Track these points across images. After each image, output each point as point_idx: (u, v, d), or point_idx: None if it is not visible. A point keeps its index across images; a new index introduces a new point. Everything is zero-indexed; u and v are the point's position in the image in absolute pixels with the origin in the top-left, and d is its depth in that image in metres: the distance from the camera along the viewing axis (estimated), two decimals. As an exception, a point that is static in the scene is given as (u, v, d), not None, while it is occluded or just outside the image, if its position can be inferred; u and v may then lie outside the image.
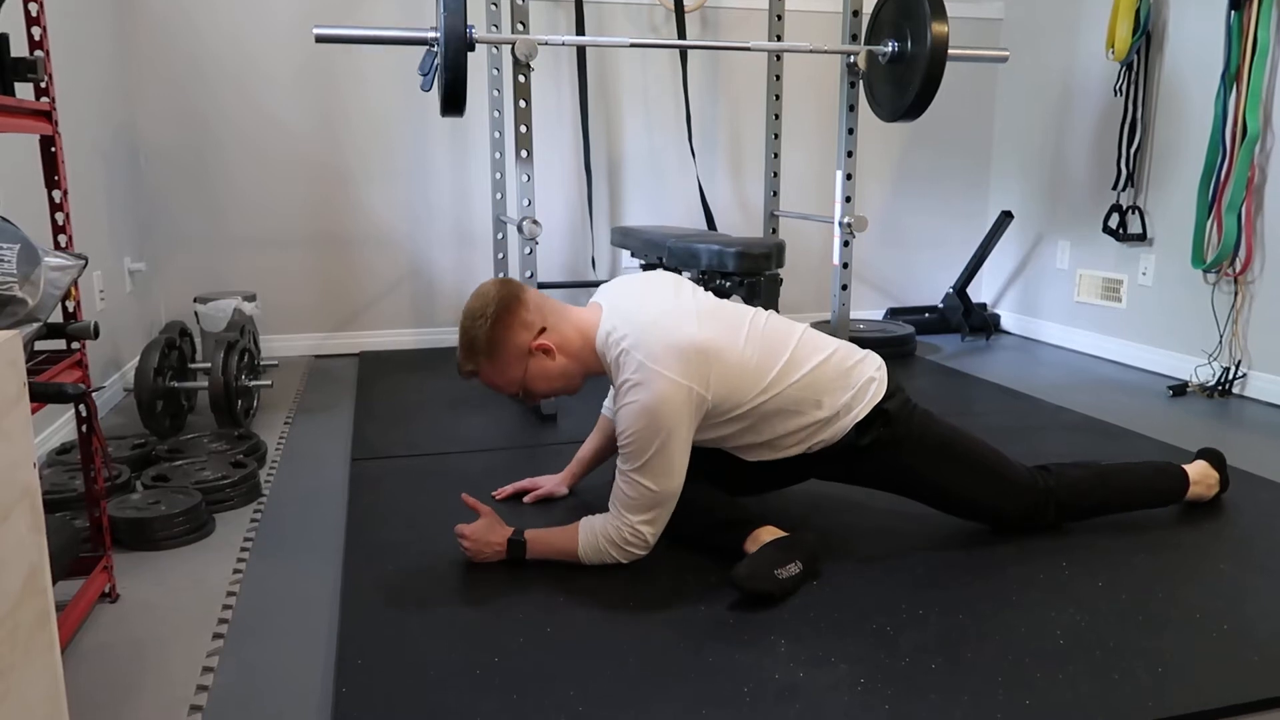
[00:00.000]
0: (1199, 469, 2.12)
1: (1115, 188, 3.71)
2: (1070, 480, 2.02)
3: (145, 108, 3.64)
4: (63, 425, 2.68)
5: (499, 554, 1.88)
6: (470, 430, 2.82)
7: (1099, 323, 3.92)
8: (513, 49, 2.85)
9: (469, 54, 2.71)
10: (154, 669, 1.54)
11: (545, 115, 3.96)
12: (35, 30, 1.56)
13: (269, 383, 2.91)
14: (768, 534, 1.85)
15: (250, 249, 3.84)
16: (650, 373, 1.73)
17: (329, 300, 3.98)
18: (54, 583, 1.54)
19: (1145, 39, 3.53)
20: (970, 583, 1.80)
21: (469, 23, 2.69)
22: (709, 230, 3.46)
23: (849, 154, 3.33)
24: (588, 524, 1.86)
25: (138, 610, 1.74)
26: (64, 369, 1.61)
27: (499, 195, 3.80)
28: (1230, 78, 3.16)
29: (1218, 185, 3.21)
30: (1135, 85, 3.57)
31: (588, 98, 3.93)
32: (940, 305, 4.48)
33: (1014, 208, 4.31)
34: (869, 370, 1.93)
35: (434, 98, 2.86)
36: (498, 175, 3.79)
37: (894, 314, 4.50)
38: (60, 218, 1.62)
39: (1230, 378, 3.25)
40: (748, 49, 3.29)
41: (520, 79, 2.91)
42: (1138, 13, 3.50)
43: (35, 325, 1.44)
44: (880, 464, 1.95)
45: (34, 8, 1.56)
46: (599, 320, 1.85)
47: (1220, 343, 3.31)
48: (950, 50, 3.00)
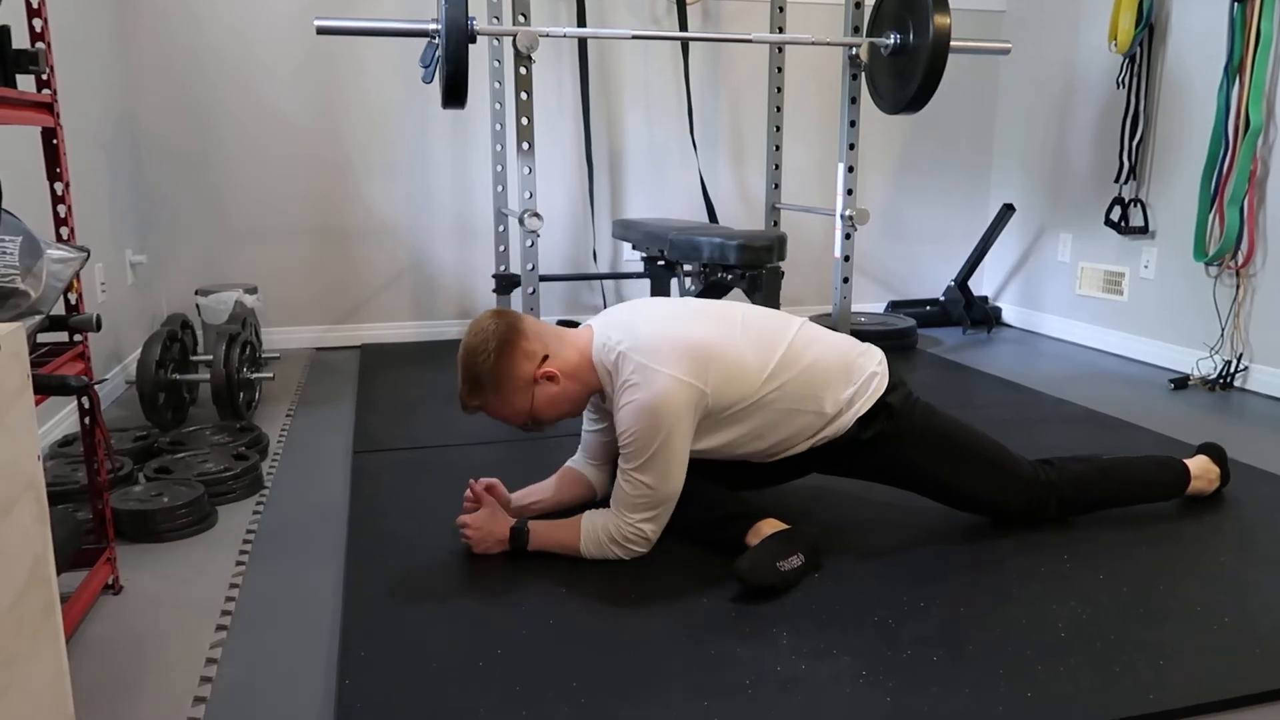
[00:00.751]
0: (1200, 464, 2.13)
1: (1117, 180, 3.70)
2: (1072, 474, 2.02)
3: (146, 100, 3.63)
4: (65, 418, 2.68)
5: (502, 544, 1.89)
6: (471, 423, 2.80)
7: (1101, 316, 3.92)
8: (514, 41, 2.85)
9: (470, 46, 2.71)
10: (157, 661, 1.54)
11: (546, 107, 3.96)
12: (36, 22, 1.56)
13: (270, 375, 2.91)
14: (769, 527, 1.86)
15: (251, 241, 3.84)
16: (648, 371, 1.73)
17: (330, 293, 3.98)
18: (58, 574, 1.55)
19: (1148, 31, 3.52)
20: (972, 575, 1.81)
21: (470, 14, 2.69)
22: (710, 223, 3.46)
23: (851, 146, 3.32)
24: (590, 519, 1.86)
25: (141, 603, 1.74)
26: (66, 361, 1.61)
27: (500, 188, 3.80)
28: (1233, 70, 3.15)
29: (1220, 178, 3.21)
30: (1138, 78, 3.57)
31: (589, 89, 3.93)
32: (942, 298, 4.48)
33: (1016, 200, 4.30)
34: (870, 364, 1.94)
35: (435, 90, 2.86)
36: (499, 167, 3.78)
37: (895, 307, 4.50)
38: (62, 210, 1.62)
39: (1232, 371, 3.25)
40: (749, 41, 3.28)
41: (521, 71, 2.91)
42: (1140, 5, 3.49)
43: (38, 318, 1.44)
44: (882, 457, 1.95)
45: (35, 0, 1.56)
46: (593, 336, 1.86)
47: (1222, 336, 3.31)
48: (952, 43, 2.99)
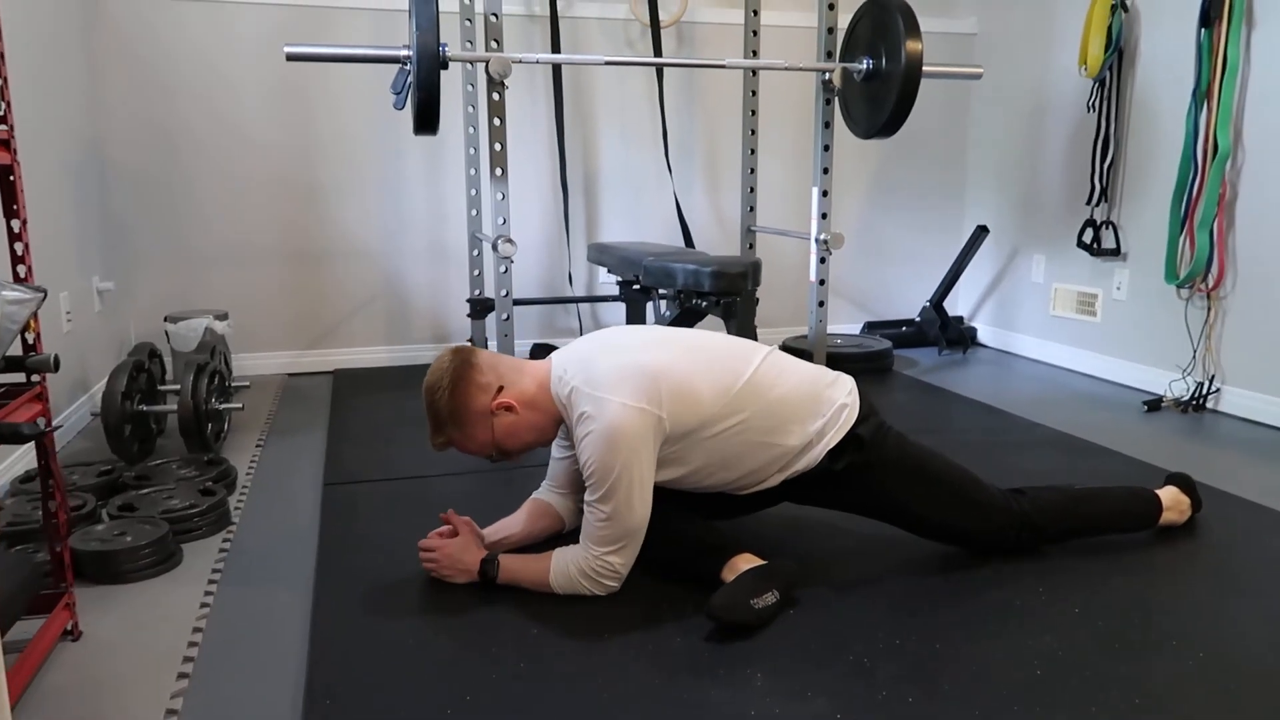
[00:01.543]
0: (1170, 494, 2.13)
1: (1089, 203, 3.73)
2: (1043, 504, 2.01)
3: (113, 126, 3.59)
4: (25, 453, 2.62)
5: (468, 575, 1.87)
6: (444, 454, 2.78)
7: (1074, 337, 3.94)
8: (486, 67, 2.83)
9: (442, 72, 2.69)
10: (114, 712, 1.50)
11: (521, 130, 3.94)
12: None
13: (239, 406, 2.87)
14: (744, 562, 1.84)
15: (221, 266, 3.79)
16: (600, 402, 1.72)
17: (302, 318, 3.94)
18: (14, 621, 1.51)
19: (1117, 55, 3.56)
20: (948, 609, 1.79)
21: (442, 41, 2.68)
22: (686, 248, 3.45)
23: (825, 170, 3.33)
24: (560, 555, 1.84)
25: (100, 649, 1.70)
26: (24, 403, 1.57)
27: (474, 211, 3.77)
28: (1201, 95, 3.18)
29: (1189, 202, 3.23)
30: (1108, 101, 3.60)
31: (563, 113, 3.92)
32: (917, 319, 4.49)
33: (989, 221, 4.32)
34: (840, 395, 1.92)
35: (408, 114, 2.84)
36: (473, 191, 3.76)
37: (871, 328, 4.50)
38: (19, 248, 1.59)
39: (1204, 393, 3.27)
40: (724, 66, 3.28)
41: (495, 97, 2.90)
42: (1109, 29, 3.53)
43: (-9, 361, 1.40)
44: (854, 488, 1.94)
45: (-9, 33, 1.53)
46: (551, 369, 1.85)
47: (1194, 358, 3.33)
48: (925, 67, 3.01)
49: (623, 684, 1.54)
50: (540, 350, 4.04)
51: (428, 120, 2.75)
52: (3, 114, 1.53)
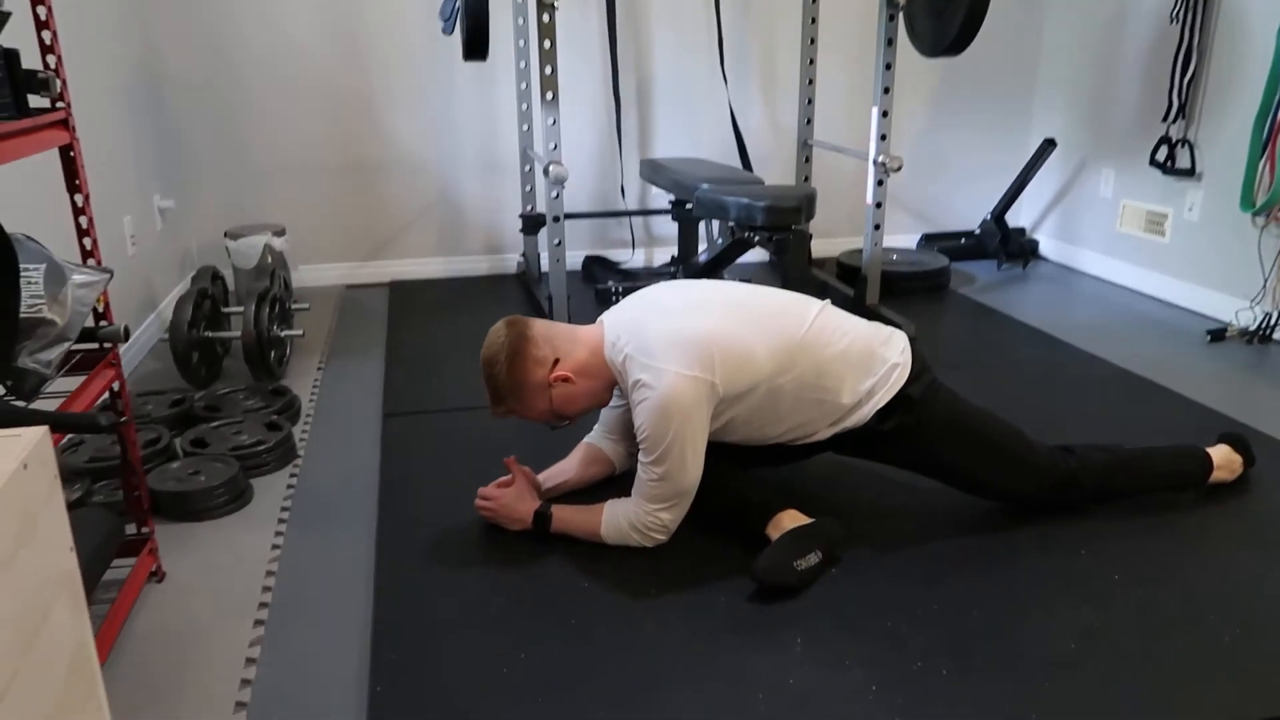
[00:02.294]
0: (1222, 453, 2.11)
1: (1165, 119, 3.55)
2: (1091, 464, 2.01)
3: (165, 40, 3.57)
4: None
5: (522, 524, 1.95)
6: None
7: (1140, 256, 3.82)
8: (536, -11, 2.75)
9: (491, -1, 2.62)
10: (198, 663, 1.62)
11: (573, 40, 3.84)
12: (45, 34, 1.53)
13: (300, 333, 2.95)
14: (789, 519, 1.88)
15: (278, 180, 3.82)
16: (654, 370, 1.75)
17: (358, 229, 3.97)
18: (98, 578, 1.63)
19: (1209, -41, 3.31)
20: (987, 574, 1.83)
21: (491, -34, 2.59)
22: (741, 170, 3.38)
23: (885, 90, 3.21)
24: (612, 506, 1.91)
25: (182, 592, 1.82)
26: (99, 371, 1.65)
27: (525, 127, 3.72)
28: (1297, 8, 2.97)
29: (1273, 126, 3.06)
30: (1193, 12, 3.37)
31: (615, 21, 3.79)
32: (977, 231, 4.38)
33: (1058, 132, 4.15)
34: (893, 354, 1.92)
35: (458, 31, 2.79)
36: (524, 106, 3.71)
37: (929, 240, 4.41)
38: (84, 221, 1.63)
39: (1271, 324, 3.18)
40: (783, -23, 3.13)
41: (544, 19, 2.82)
42: (1202, -70, 3.27)
43: (65, 345, 1.47)
44: (900, 448, 1.96)
45: None
46: (603, 335, 1.87)
47: (1264, 288, 3.22)
48: (997, -16, 2.84)
49: (667, 648, 1.62)
50: (593, 265, 4.05)
51: (477, 46, 2.70)
52: (59, 91, 1.54)
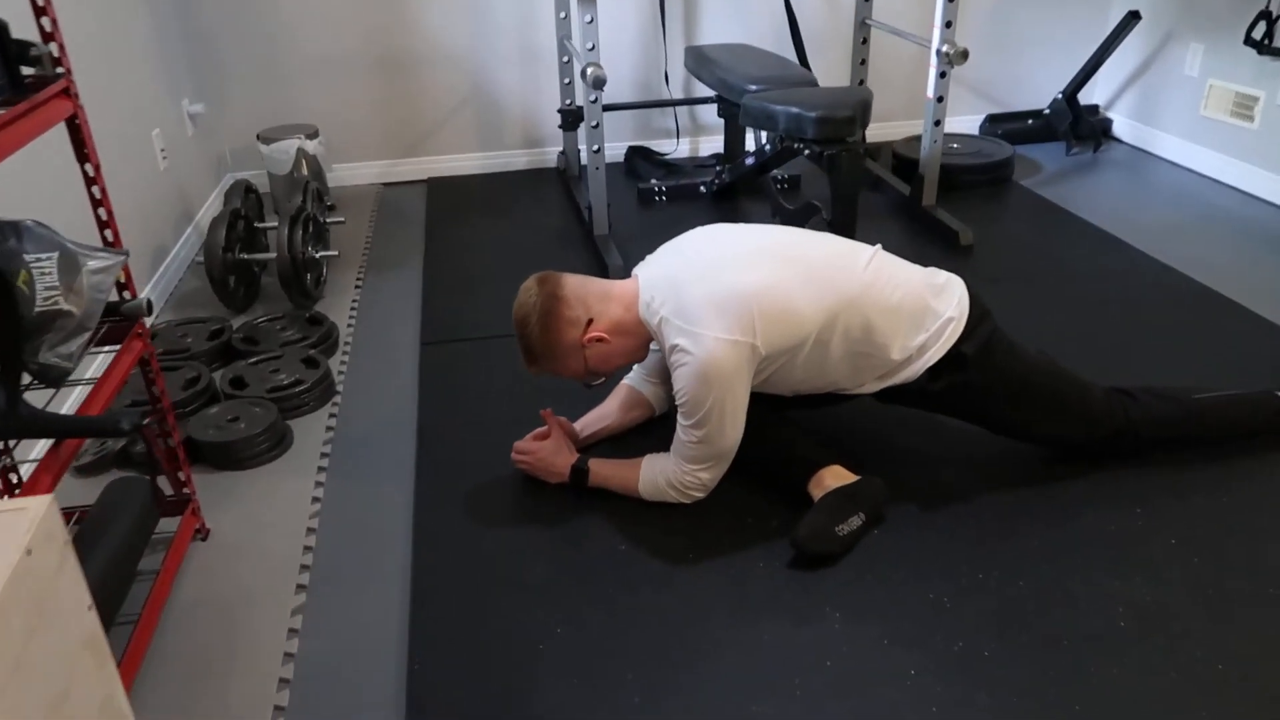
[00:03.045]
0: (1304, 402, 1.99)
1: (1266, -8, 3.21)
2: (1155, 416, 1.91)
3: (181, -73, 3.38)
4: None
5: (559, 478, 1.94)
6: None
7: (1225, 143, 3.54)
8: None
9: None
10: (242, 635, 1.65)
11: (610, -88, 3.55)
12: (45, 21, 1.42)
13: (335, 253, 2.88)
14: (832, 477, 1.83)
15: (310, 78, 3.67)
16: (692, 335, 1.67)
17: (393, 126, 3.84)
18: (148, 540, 1.65)
19: None
20: (1037, 535, 1.77)
21: None
22: (795, 65, 3.12)
23: (952, -28, 2.92)
24: (650, 463, 1.87)
25: (225, 552, 1.84)
26: (128, 345, 1.62)
27: (562, 14, 3.50)
28: None
29: (1390, 6, 2.74)
30: None
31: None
32: (1046, 111, 4.09)
33: (1142, 2, 3.79)
34: (947, 307, 1.81)
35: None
36: (560, -8, 3.47)
37: (993, 122, 4.14)
38: (96, 191, 1.56)
39: (1364, 226, 2.95)
40: None
41: (577, -92, 2.59)
42: None
43: (85, 335, 1.43)
44: (952, 404, 1.88)
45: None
46: (638, 291, 1.78)
47: (1360, 186, 2.98)
48: None
49: (705, 623, 1.60)
50: (635, 158, 3.89)
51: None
52: (56, 55, 1.45)
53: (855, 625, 1.59)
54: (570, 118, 3.58)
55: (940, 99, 3.09)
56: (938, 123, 3.13)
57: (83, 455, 2.11)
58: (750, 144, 3.40)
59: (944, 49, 2.99)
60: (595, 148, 2.97)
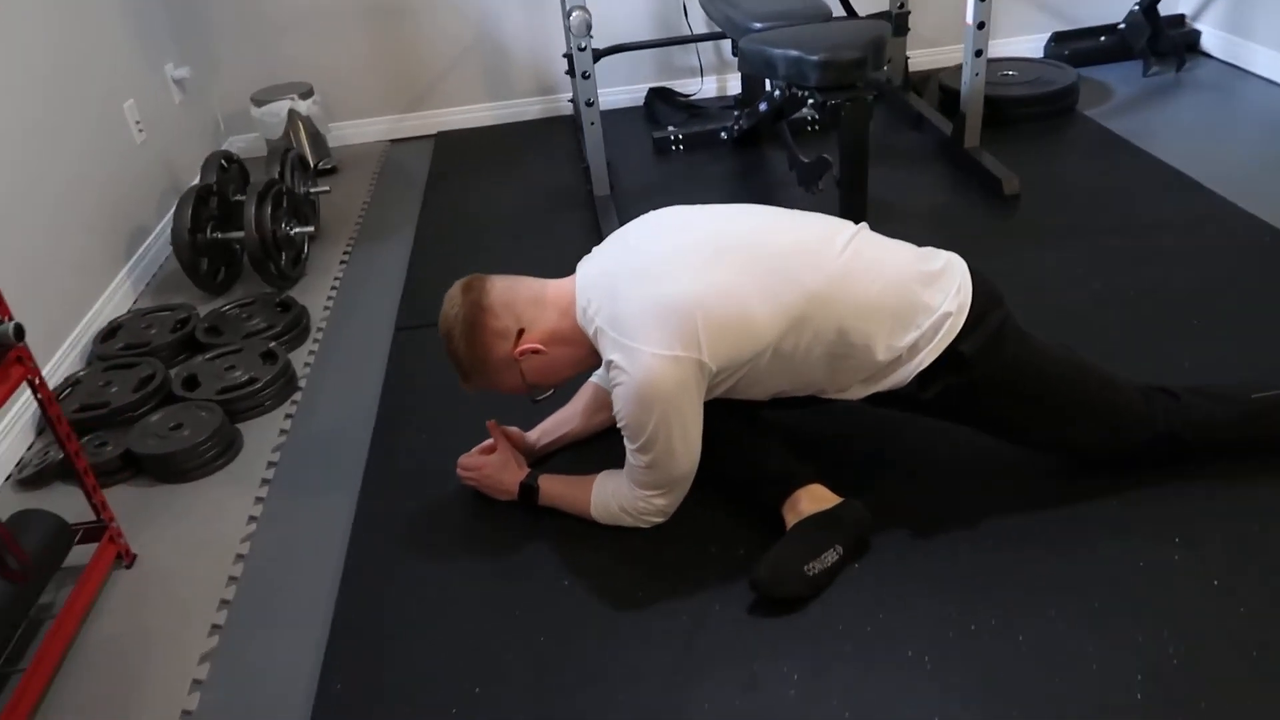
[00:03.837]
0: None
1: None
2: (1199, 419, 1.60)
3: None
4: (113, 303, 2.60)
5: (509, 495, 1.74)
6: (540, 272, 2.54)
7: (1331, 57, 3.05)
8: None
9: None
10: (148, 672, 1.52)
11: None
12: None
13: (311, 229, 2.69)
14: (809, 500, 1.58)
15: (306, 31, 3.45)
16: (628, 350, 1.43)
17: (397, 79, 3.61)
18: (54, 570, 1.52)
19: None
20: (1048, 572, 1.49)
21: None
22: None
23: (992, -124, 2.51)
24: (602, 483, 1.66)
25: (149, 580, 1.71)
26: (4, 370, 1.47)
27: (562, -53, 3.18)
28: None
29: None
30: None
31: None
32: (1121, 25, 3.61)
33: (1237, -108, 3.26)
34: (942, 299, 1.51)
35: None
36: (558, -78, 3.15)
37: (1059, 41, 3.67)
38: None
39: None
40: None
41: None
42: None
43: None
44: (954, 410, 1.60)
45: None
46: (575, 294, 1.54)
47: None
48: None
49: (641, 683, 1.39)
50: (655, 100, 3.58)
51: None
52: None
53: (815, 686, 1.35)
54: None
55: (982, 25, 2.70)
56: (979, 53, 2.74)
57: (25, 468, 2.00)
58: (769, 84, 3.06)
59: (985, -33, 2.59)
60: (588, 100, 2.70)
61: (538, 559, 1.64)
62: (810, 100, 2.22)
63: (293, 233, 2.64)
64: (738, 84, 3.65)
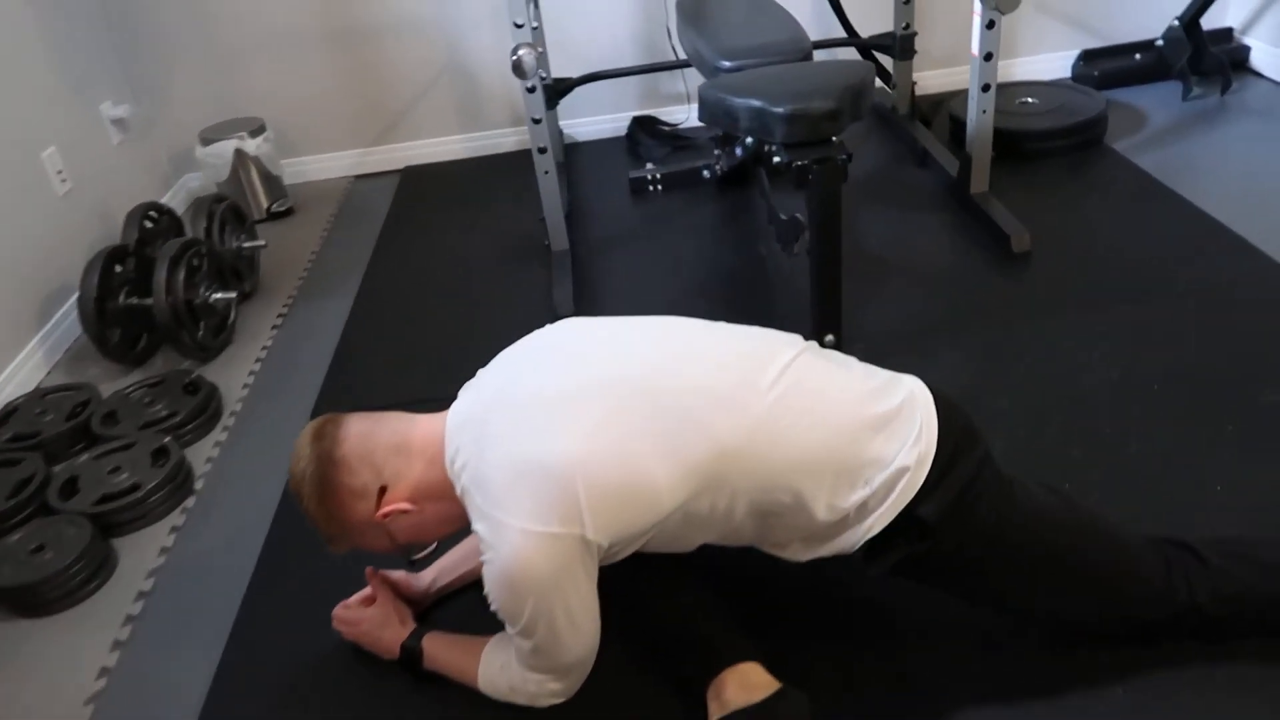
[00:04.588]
0: None
1: None
2: (1229, 592, 1.27)
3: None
4: (30, 366, 2.37)
5: (392, 656, 1.46)
6: (482, 347, 2.27)
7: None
8: None
9: None
10: None
11: None
12: None
13: (233, 295, 2.42)
14: (738, 685, 1.29)
15: (261, 62, 3.19)
16: (493, 522, 1.15)
17: (361, 110, 3.34)
18: None
19: None
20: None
21: None
22: (787, 40, 2.39)
23: (997, -111, 2.17)
24: (491, 654, 1.37)
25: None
26: None
27: (527, -31, 2.89)
28: None
29: None
30: None
31: None
32: (1159, 43, 3.23)
33: (1291, -107, 2.87)
34: (898, 450, 1.20)
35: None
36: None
37: (1088, 61, 3.31)
38: None
39: None
40: None
41: None
42: None
43: None
44: (918, 578, 1.30)
45: None
46: (445, 438, 1.25)
47: None
48: None
49: None
50: (638, 131, 3.29)
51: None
52: None
53: None
54: (549, 92, 3.00)
55: (989, 57, 2.36)
56: (986, 87, 2.40)
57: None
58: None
59: (990, -9, 2.26)
60: (540, 146, 2.41)
61: (414, 743, 1.36)
62: (776, 159, 1.91)
63: (213, 299, 2.38)
64: (728, 112, 3.34)
